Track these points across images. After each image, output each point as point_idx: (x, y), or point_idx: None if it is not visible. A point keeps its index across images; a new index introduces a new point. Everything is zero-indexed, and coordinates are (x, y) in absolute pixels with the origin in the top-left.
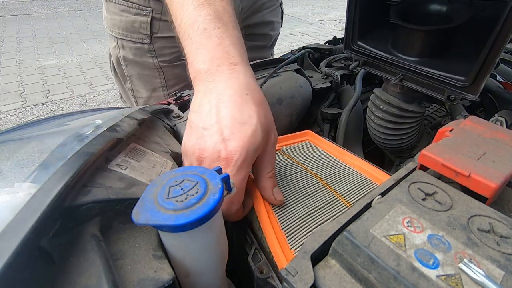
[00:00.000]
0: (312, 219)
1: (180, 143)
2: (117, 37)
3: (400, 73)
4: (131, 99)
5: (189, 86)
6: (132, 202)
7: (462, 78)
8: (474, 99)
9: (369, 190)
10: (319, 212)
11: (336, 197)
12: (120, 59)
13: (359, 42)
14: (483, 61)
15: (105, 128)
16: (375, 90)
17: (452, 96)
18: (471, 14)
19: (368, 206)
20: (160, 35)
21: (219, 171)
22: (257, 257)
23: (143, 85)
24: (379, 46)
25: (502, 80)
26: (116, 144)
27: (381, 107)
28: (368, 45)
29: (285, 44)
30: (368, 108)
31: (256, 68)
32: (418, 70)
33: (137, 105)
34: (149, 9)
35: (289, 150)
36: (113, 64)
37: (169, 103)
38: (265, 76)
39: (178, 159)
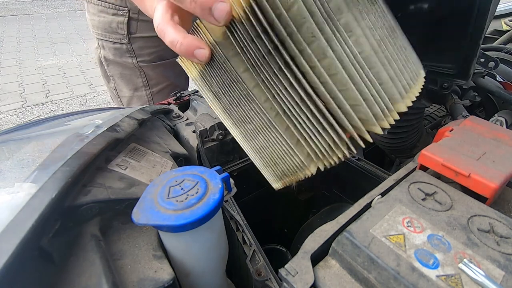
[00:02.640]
0: None
1: (180, 143)
2: (98, 38)
3: None
4: (116, 98)
5: (173, 85)
6: (132, 202)
7: (451, 65)
8: (465, 85)
9: None
10: None
11: None
12: (102, 59)
13: None
14: (467, 47)
15: (105, 128)
16: None
17: (445, 84)
18: (454, 5)
19: (368, 206)
20: (138, 35)
21: (219, 171)
22: (256, 259)
23: (125, 85)
24: None
25: (502, 80)
26: (116, 144)
27: None
28: None
29: None
30: None
31: None
32: None
33: (122, 105)
34: (126, 9)
35: None
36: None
37: (169, 103)
38: None
39: (178, 159)
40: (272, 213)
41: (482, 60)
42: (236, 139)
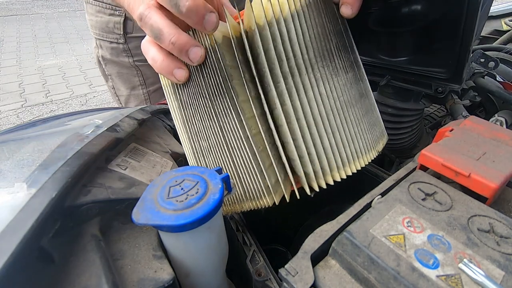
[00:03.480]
0: None
1: (180, 143)
2: (96, 37)
3: (387, 75)
4: (115, 97)
5: None
6: (132, 202)
7: (444, 70)
8: (459, 89)
9: None
10: None
11: None
12: (100, 59)
13: None
14: (458, 51)
15: (105, 128)
16: None
17: (440, 89)
18: (444, 10)
19: (368, 206)
20: (134, 35)
21: (219, 171)
22: (256, 259)
23: (122, 84)
24: (365, 52)
25: (502, 80)
26: (116, 144)
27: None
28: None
29: None
30: None
31: None
32: (404, 69)
33: (120, 103)
34: (122, 9)
35: None
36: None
37: None
38: None
39: (178, 159)
40: (272, 213)
41: (482, 60)
42: (187, 156)
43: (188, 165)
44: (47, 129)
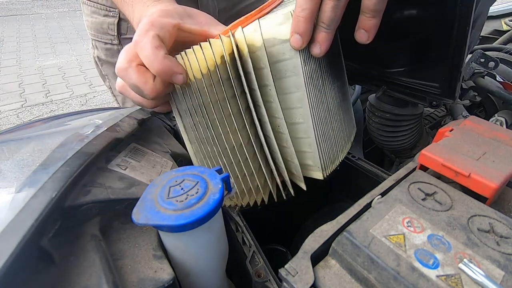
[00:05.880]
0: None
1: (180, 143)
2: (92, 38)
3: (383, 85)
4: (113, 96)
5: None
6: (132, 202)
7: (437, 85)
8: (452, 104)
9: None
10: None
11: None
12: (96, 59)
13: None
14: (451, 69)
15: (105, 128)
16: (369, 97)
17: (434, 102)
18: (436, 27)
19: (368, 206)
20: (128, 36)
21: (219, 171)
22: (255, 260)
23: None
24: (362, 63)
25: (502, 80)
26: (116, 144)
27: (376, 113)
28: (352, 63)
29: None
30: (366, 111)
31: None
32: (399, 82)
33: (118, 103)
34: (116, 10)
35: None
36: None
37: None
38: None
39: (178, 159)
40: (272, 213)
41: (482, 60)
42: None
43: (189, 165)
44: (47, 129)
